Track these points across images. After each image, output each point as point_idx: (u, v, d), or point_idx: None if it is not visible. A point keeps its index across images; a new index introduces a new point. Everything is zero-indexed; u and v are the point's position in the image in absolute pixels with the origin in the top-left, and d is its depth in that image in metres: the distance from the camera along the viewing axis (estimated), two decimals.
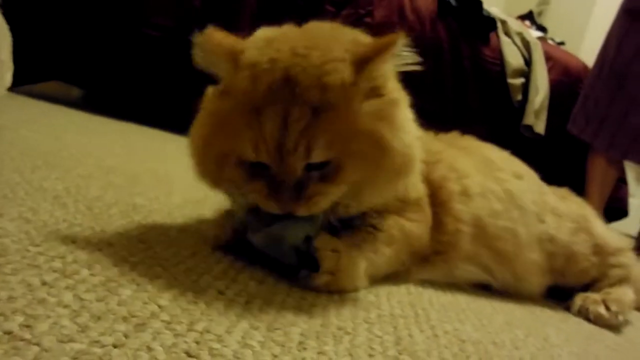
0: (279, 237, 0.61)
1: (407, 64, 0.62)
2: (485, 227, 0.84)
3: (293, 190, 0.58)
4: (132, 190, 0.89)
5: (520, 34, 2.56)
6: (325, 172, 0.59)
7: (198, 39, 0.60)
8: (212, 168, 0.65)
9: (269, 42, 0.60)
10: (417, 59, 0.61)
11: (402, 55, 0.60)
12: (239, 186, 0.63)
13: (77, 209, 0.69)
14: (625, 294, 0.92)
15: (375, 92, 0.61)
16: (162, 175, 1.10)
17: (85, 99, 2.38)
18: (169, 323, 0.44)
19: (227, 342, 0.44)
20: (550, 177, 2.81)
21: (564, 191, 1.02)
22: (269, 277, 0.63)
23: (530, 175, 0.97)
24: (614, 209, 2.57)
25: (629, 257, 0.97)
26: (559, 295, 0.96)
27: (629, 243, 1.00)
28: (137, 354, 0.38)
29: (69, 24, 1.90)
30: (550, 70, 2.55)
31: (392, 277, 0.77)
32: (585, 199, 2.36)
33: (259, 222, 0.63)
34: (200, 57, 0.61)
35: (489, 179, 0.88)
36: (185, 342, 0.42)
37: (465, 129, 2.61)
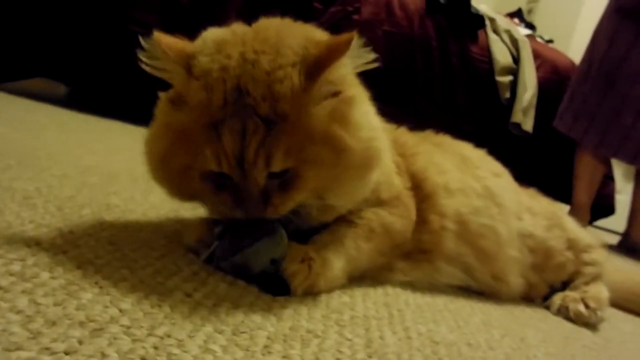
0: (244, 266, 0.61)
1: (365, 63, 0.60)
2: (468, 224, 0.83)
3: (258, 199, 0.58)
4: (107, 190, 0.88)
5: (508, 32, 2.56)
6: (286, 179, 0.59)
7: (146, 43, 0.58)
8: (175, 182, 0.63)
9: (219, 46, 0.58)
10: (374, 56, 0.59)
11: (358, 55, 0.59)
12: (205, 198, 0.62)
13: (46, 209, 0.68)
14: (601, 291, 0.92)
15: (331, 92, 0.59)
16: (141, 174, 1.07)
17: (71, 97, 2.36)
18: (128, 327, 0.43)
19: (187, 346, 0.43)
20: (538, 174, 2.82)
21: (532, 191, 1.03)
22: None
23: (506, 174, 0.97)
24: (601, 206, 2.58)
25: (600, 254, 0.97)
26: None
27: (599, 240, 1.00)
28: None
29: (54, 20, 1.88)
30: (538, 68, 2.55)
31: (375, 278, 0.76)
32: (573, 196, 2.40)
33: (226, 249, 0.62)
34: (148, 63, 0.59)
35: (468, 175, 0.87)
36: (144, 347, 0.41)
37: (454, 127, 2.62)
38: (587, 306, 0.88)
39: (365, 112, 0.65)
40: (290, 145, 0.56)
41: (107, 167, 1.07)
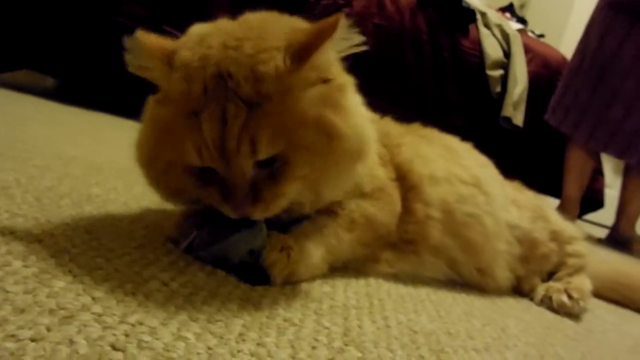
0: (223, 257, 0.60)
1: (353, 46, 0.59)
2: (453, 212, 0.82)
3: (247, 192, 0.56)
4: (89, 181, 0.87)
5: (499, 26, 2.56)
6: (275, 169, 0.57)
7: (129, 43, 0.57)
8: (161, 180, 0.62)
9: (202, 38, 0.57)
10: (362, 39, 0.58)
11: (346, 38, 0.57)
12: (192, 195, 0.60)
13: (24, 199, 0.67)
14: (584, 282, 0.93)
15: (320, 79, 0.58)
16: (125, 166, 1.07)
17: (59, 89, 2.33)
18: (100, 315, 0.43)
19: (160, 334, 0.42)
20: (529, 167, 2.83)
21: (516, 184, 1.03)
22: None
23: (491, 166, 0.97)
24: (591, 200, 2.60)
25: (583, 246, 0.98)
26: None
27: (582, 233, 1.01)
28: (56, 347, 0.36)
29: (40, 11, 1.86)
30: (529, 62, 2.56)
31: (360, 269, 0.76)
32: (563, 190, 2.41)
33: (205, 239, 0.61)
34: (133, 63, 0.58)
35: (454, 165, 0.87)
36: (114, 334, 0.40)
37: (444, 120, 2.62)
38: (570, 297, 0.89)
39: (356, 101, 0.65)
40: (277, 128, 0.54)
41: (92, 159, 1.06)
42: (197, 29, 0.61)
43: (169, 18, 1.92)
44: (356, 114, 0.62)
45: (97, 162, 1.04)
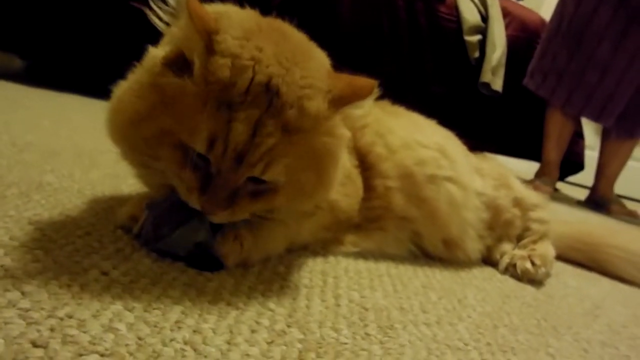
0: (169, 251, 0.59)
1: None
2: (413, 176, 0.82)
3: (227, 196, 0.55)
4: (43, 168, 0.85)
5: None
6: (261, 190, 0.57)
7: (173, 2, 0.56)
8: (141, 144, 0.57)
9: (247, 33, 0.55)
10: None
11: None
12: (166, 168, 0.57)
13: None
14: (548, 249, 0.94)
15: (338, 130, 0.61)
16: (86, 150, 1.05)
17: (27, 71, 2.27)
18: (26, 311, 0.42)
19: (88, 327, 0.42)
20: (509, 132, 2.81)
21: (482, 155, 1.03)
22: None
23: (455, 139, 0.97)
24: (571, 163, 2.61)
25: (546, 213, 0.99)
26: None
27: (544, 200, 1.02)
28: None
29: None
30: (507, 25, 2.52)
31: (323, 250, 0.76)
32: (543, 153, 2.42)
33: (150, 234, 0.59)
34: (165, 19, 0.57)
35: (416, 133, 0.87)
36: (38, 330, 0.39)
37: (422, 88, 2.57)
38: (533, 263, 0.90)
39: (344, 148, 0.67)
40: (292, 161, 0.55)
41: (49, 144, 1.03)
42: (236, 17, 0.58)
43: None
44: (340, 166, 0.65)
45: (55, 146, 1.02)
